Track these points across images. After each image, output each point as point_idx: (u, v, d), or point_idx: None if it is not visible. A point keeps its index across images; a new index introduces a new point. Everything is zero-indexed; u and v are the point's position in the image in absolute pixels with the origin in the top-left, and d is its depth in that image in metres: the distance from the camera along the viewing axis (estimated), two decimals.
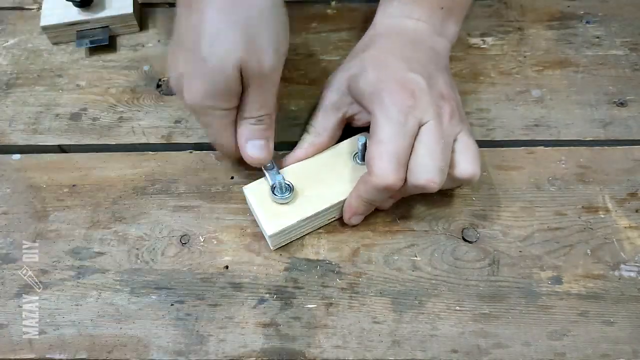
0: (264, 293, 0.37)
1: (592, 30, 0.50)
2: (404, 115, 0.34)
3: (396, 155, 0.34)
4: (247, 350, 0.35)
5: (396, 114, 0.34)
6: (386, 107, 0.35)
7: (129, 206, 0.41)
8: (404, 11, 0.41)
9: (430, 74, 0.37)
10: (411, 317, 0.36)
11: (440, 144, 0.35)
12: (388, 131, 0.34)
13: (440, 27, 0.41)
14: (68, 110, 0.46)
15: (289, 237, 0.39)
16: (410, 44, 0.40)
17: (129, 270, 0.38)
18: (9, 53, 0.49)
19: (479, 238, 0.39)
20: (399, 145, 0.34)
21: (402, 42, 0.40)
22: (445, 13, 0.41)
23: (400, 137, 0.34)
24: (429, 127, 0.35)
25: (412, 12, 0.41)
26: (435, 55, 0.40)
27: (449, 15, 0.42)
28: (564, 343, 0.35)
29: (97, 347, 0.36)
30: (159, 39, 0.50)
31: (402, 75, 0.36)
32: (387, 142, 0.34)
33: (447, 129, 0.35)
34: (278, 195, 0.37)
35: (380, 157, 0.34)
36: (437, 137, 0.35)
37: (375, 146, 0.35)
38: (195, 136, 0.44)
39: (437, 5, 0.41)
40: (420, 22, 0.41)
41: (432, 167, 0.34)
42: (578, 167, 0.42)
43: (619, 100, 0.45)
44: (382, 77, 0.36)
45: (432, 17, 0.41)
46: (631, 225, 0.39)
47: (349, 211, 0.38)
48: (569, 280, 0.37)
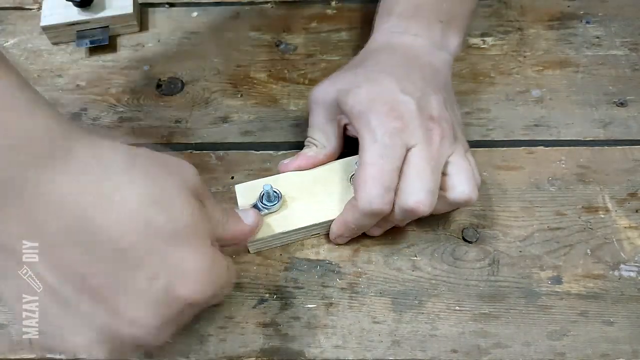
0: (264, 293, 0.37)
1: (592, 30, 0.50)
2: (390, 138, 0.33)
3: (381, 179, 0.33)
4: (247, 350, 0.35)
5: (381, 137, 0.33)
6: (373, 129, 0.34)
7: None
8: (401, 27, 0.41)
9: (422, 94, 0.36)
10: (411, 317, 0.36)
11: (429, 167, 0.34)
12: (374, 154, 0.34)
13: (440, 41, 0.41)
14: (68, 110, 0.46)
15: (271, 244, 0.38)
16: (406, 61, 0.39)
17: None
18: (9, 53, 0.49)
19: (479, 238, 0.39)
20: (384, 169, 0.33)
21: (397, 59, 0.39)
22: (444, 26, 0.41)
23: (387, 160, 0.33)
24: (417, 150, 0.34)
25: (410, 28, 0.40)
26: (433, 72, 0.39)
27: (448, 28, 0.41)
28: (564, 343, 0.35)
29: None
30: (159, 39, 0.50)
31: (392, 97, 0.35)
32: (372, 165, 0.33)
33: (436, 151, 0.34)
34: (264, 204, 0.37)
35: (365, 181, 0.33)
36: (426, 160, 0.34)
37: (362, 169, 0.34)
38: (195, 136, 0.44)
39: (436, 19, 0.40)
40: (418, 37, 0.40)
41: (420, 189, 0.33)
42: (578, 167, 0.42)
43: (619, 100, 0.45)
44: (372, 96, 0.35)
45: (431, 32, 0.40)
46: (631, 225, 0.39)
47: (335, 232, 0.37)
48: (568, 280, 0.37)
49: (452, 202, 0.35)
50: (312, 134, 0.39)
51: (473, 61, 0.48)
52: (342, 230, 0.37)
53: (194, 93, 0.46)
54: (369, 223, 0.36)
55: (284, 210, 0.37)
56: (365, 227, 0.37)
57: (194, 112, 0.45)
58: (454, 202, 0.35)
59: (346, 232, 0.37)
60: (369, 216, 0.34)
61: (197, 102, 0.46)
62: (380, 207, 0.33)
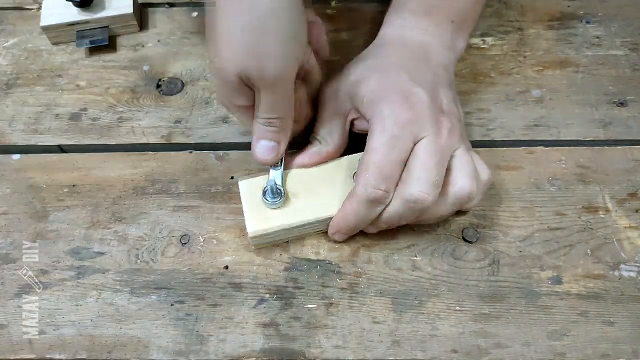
0: (264, 293, 0.37)
1: (592, 30, 0.50)
2: (400, 129, 0.34)
3: (383, 167, 0.33)
4: (247, 350, 0.35)
5: (391, 126, 0.34)
6: (383, 118, 0.34)
7: (128, 206, 0.41)
8: (413, 23, 0.41)
9: (433, 87, 0.36)
10: (411, 317, 0.36)
11: (434, 158, 0.34)
12: (381, 142, 0.34)
13: (450, 40, 0.41)
14: (68, 110, 0.46)
15: (272, 240, 0.38)
16: (416, 56, 0.39)
17: (129, 270, 0.38)
18: (9, 53, 0.49)
19: (479, 238, 0.39)
20: (388, 159, 0.33)
21: (408, 53, 0.39)
22: (455, 27, 0.41)
23: (391, 149, 0.33)
24: (425, 142, 0.34)
25: (422, 25, 0.40)
26: (441, 69, 0.39)
27: (459, 30, 0.41)
28: (564, 343, 0.35)
29: (97, 347, 0.36)
30: (159, 39, 0.50)
31: (404, 87, 0.35)
32: (376, 152, 0.34)
33: (444, 144, 0.34)
34: (268, 198, 0.37)
35: (366, 167, 0.34)
36: (432, 152, 0.34)
37: (365, 155, 0.34)
38: (195, 136, 0.44)
39: (448, 19, 0.41)
40: (428, 35, 0.40)
41: (424, 179, 0.33)
42: (578, 167, 0.42)
43: (619, 100, 0.45)
44: (384, 86, 0.36)
45: (442, 30, 0.40)
46: (631, 225, 0.39)
47: (334, 227, 0.37)
48: (569, 280, 0.37)
49: (452, 197, 0.35)
50: (317, 130, 0.39)
51: (473, 61, 0.48)
52: (340, 224, 0.37)
53: (194, 93, 0.46)
54: (366, 214, 0.35)
55: (288, 205, 0.37)
56: (363, 220, 0.36)
57: (194, 112, 0.45)
58: (454, 197, 0.35)
59: (344, 227, 0.37)
60: (365, 204, 0.34)
61: (197, 102, 0.46)
62: (375, 194, 0.33)
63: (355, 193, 0.35)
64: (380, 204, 0.34)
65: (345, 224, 0.37)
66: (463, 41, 0.42)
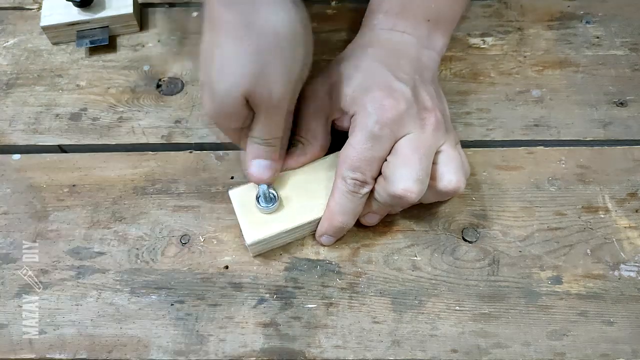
0: (264, 293, 0.37)
1: (592, 30, 0.50)
2: (380, 128, 0.34)
3: (358, 161, 0.34)
4: (247, 350, 0.35)
5: (373, 124, 0.34)
6: (366, 115, 0.34)
7: (129, 206, 0.41)
8: (388, 24, 0.41)
9: (415, 84, 0.37)
10: (411, 317, 0.36)
11: (417, 154, 0.34)
12: (361, 138, 0.34)
13: (426, 39, 0.41)
14: (68, 110, 0.46)
15: (270, 246, 0.38)
16: (395, 53, 0.39)
17: (129, 270, 0.38)
18: (9, 53, 0.49)
19: (479, 238, 0.39)
20: (364, 154, 0.34)
21: (387, 51, 0.39)
22: (431, 25, 0.41)
23: (370, 146, 0.34)
24: (408, 139, 0.34)
25: (397, 25, 0.40)
26: (421, 66, 0.39)
27: (435, 28, 0.41)
28: (564, 343, 0.35)
29: (97, 347, 0.36)
30: (159, 39, 0.50)
31: (388, 83, 0.36)
32: (353, 148, 0.34)
33: (429, 139, 0.35)
34: (262, 205, 0.37)
35: (343, 160, 0.34)
36: (414, 147, 0.34)
37: (344, 149, 0.35)
38: (195, 136, 0.44)
39: (423, 18, 0.41)
40: (405, 34, 0.40)
41: (408, 176, 0.33)
42: (578, 167, 0.42)
43: (619, 100, 0.45)
44: (368, 82, 0.36)
45: (418, 30, 0.40)
46: (631, 225, 0.40)
47: (320, 229, 0.37)
48: (568, 280, 0.37)
49: (440, 191, 0.36)
50: (300, 132, 0.39)
51: (473, 61, 0.48)
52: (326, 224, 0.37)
53: (194, 93, 0.46)
54: (350, 207, 0.36)
55: (282, 210, 0.37)
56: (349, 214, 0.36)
57: (194, 112, 0.45)
58: (442, 191, 0.36)
59: (331, 228, 0.37)
60: (346, 196, 0.35)
61: (197, 102, 0.46)
62: (353, 184, 0.34)
63: (334, 187, 0.35)
64: (360, 193, 0.35)
65: (331, 222, 0.36)
66: (442, 39, 0.42)
